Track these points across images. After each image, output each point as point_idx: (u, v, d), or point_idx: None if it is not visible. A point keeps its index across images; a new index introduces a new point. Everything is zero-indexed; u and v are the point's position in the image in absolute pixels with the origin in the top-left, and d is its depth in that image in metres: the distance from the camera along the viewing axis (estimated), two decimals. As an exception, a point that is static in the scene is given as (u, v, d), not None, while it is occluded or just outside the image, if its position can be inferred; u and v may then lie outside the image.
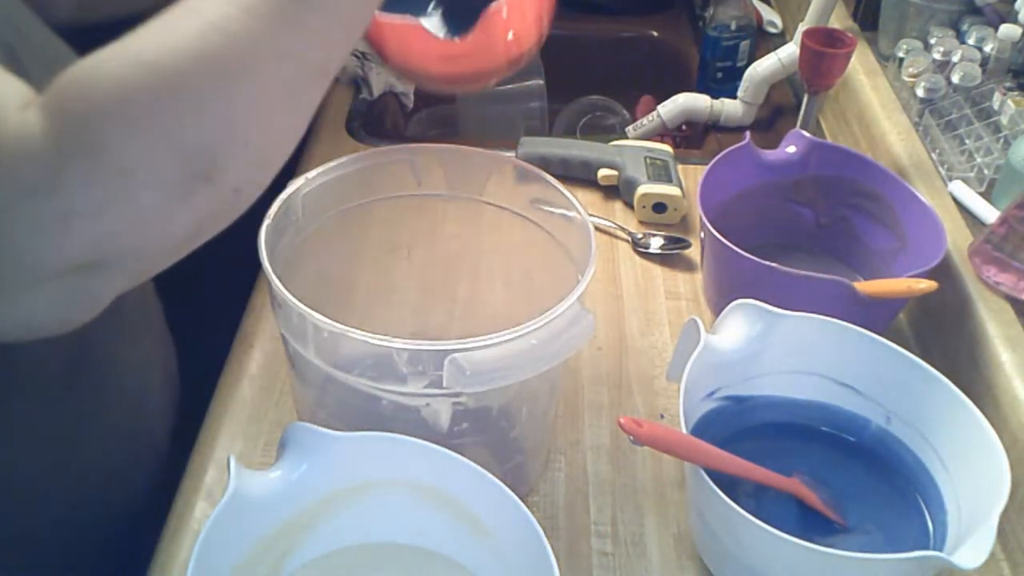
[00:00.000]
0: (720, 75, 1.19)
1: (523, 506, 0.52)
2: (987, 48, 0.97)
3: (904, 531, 0.63)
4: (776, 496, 0.64)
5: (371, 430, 0.55)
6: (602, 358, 0.80)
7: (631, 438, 0.57)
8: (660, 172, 0.95)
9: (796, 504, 0.64)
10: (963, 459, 0.61)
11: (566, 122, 1.32)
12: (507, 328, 0.54)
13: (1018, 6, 0.95)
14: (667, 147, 1.00)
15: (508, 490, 0.52)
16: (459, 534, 0.57)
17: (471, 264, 0.75)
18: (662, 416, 0.75)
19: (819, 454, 0.68)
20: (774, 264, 0.73)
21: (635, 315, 0.85)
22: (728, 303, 0.66)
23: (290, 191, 0.62)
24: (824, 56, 0.90)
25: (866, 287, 0.72)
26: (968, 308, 0.75)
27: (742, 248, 0.74)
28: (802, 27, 1.00)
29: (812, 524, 0.63)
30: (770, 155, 0.87)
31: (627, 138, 1.14)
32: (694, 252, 0.91)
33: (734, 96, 1.15)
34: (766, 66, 1.10)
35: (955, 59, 0.97)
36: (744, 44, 1.18)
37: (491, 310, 0.75)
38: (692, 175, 0.98)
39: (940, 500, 0.62)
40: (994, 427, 0.59)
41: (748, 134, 0.87)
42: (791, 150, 0.87)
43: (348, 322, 0.53)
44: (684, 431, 0.59)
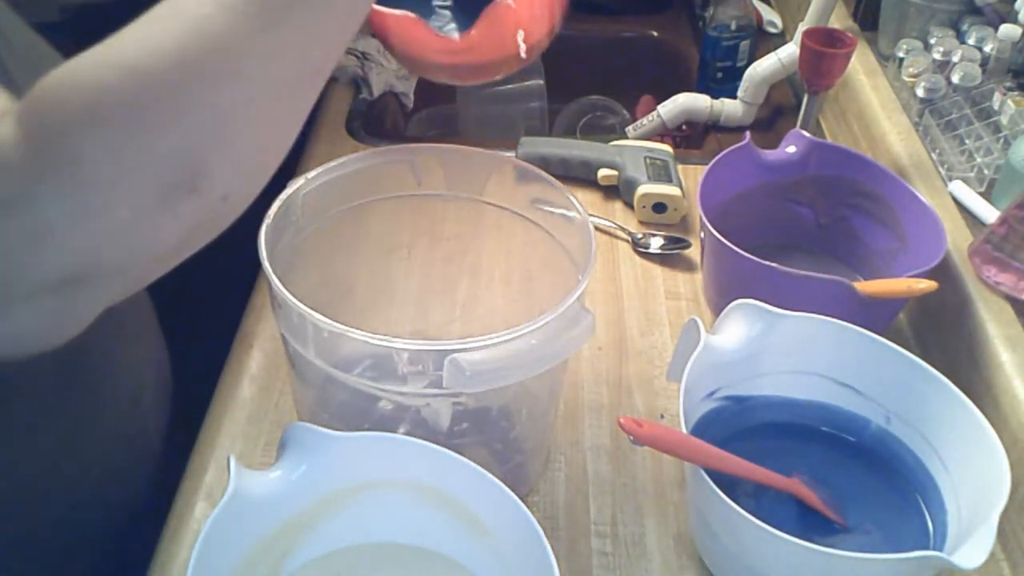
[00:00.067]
0: (720, 75, 1.19)
1: (523, 506, 0.52)
2: (987, 48, 0.97)
3: (904, 531, 0.63)
4: (776, 496, 0.64)
5: (371, 430, 0.55)
6: (602, 358, 0.80)
7: (631, 438, 0.57)
8: (660, 172, 0.95)
9: (796, 504, 0.64)
10: (963, 459, 0.61)
11: (566, 122, 1.32)
12: (507, 328, 0.54)
13: (1018, 6, 0.95)
14: (667, 147, 1.00)
15: (508, 490, 0.52)
16: (459, 534, 0.57)
17: (471, 264, 0.75)
18: (662, 416, 0.75)
19: (819, 454, 0.68)
20: (774, 264, 0.73)
21: (635, 315, 0.85)
22: (728, 303, 0.66)
23: (290, 191, 0.62)
24: (824, 56, 0.90)
25: (866, 287, 0.72)
26: (968, 308, 0.75)
27: (742, 248, 0.74)
28: (802, 27, 1.00)
29: (812, 524, 0.63)
30: (770, 155, 0.87)
31: (627, 138, 1.14)
32: (694, 252, 0.91)
33: (734, 96, 1.15)
34: (766, 66, 1.10)
35: (955, 59, 0.97)
36: (744, 44, 1.18)
37: (491, 310, 0.75)
38: (692, 175, 0.98)
39: (940, 500, 0.62)
40: (994, 427, 0.59)
41: (748, 134, 0.87)
42: (791, 150, 0.87)
43: (348, 322, 0.53)
44: (684, 431, 0.59)
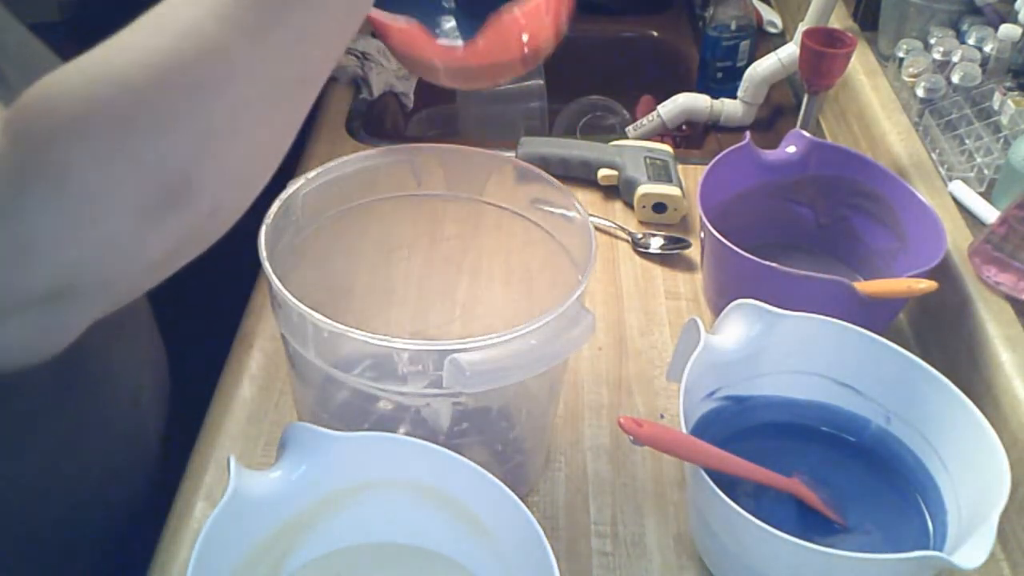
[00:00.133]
0: (720, 75, 1.19)
1: (523, 506, 0.51)
2: (987, 48, 0.97)
3: (904, 531, 0.63)
4: (776, 496, 0.64)
5: (371, 430, 0.55)
6: (602, 358, 0.80)
7: (631, 438, 0.57)
8: (660, 172, 0.95)
9: (796, 504, 0.64)
10: (963, 459, 0.61)
11: (566, 122, 1.32)
12: (507, 328, 0.54)
13: (1018, 6, 0.95)
14: (667, 147, 1.00)
15: (508, 490, 0.52)
16: (459, 534, 0.57)
17: (471, 264, 0.75)
18: (662, 416, 0.75)
19: (819, 454, 0.68)
20: (774, 264, 0.73)
21: (635, 315, 0.85)
22: (728, 303, 0.66)
23: (290, 191, 0.61)
24: (824, 56, 0.90)
25: (866, 287, 0.72)
26: (968, 308, 0.75)
27: (742, 248, 0.74)
28: (802, 27, 1.00)
29: (812, 524, 0.63)
30: (770, 155, 0.87)
31: (627, 138, 1.14)
32: (694, 252, 0.91)
33: (734, 96, 1.15)
34: (766, 66, 1.10)
35: (955, 59, 0.97)
36: (744, 44, 1.18)
37: (491, 310, 0.75)
38: (692, 175, 0.98)
39: (940, 500, 0.62)
40: (994, 427, 0.59)
41: (748, 134, 0.87)
42: (791, 150, 0.87)
43: (348, 322, 0.53)
44: (684, 431, 0.59)
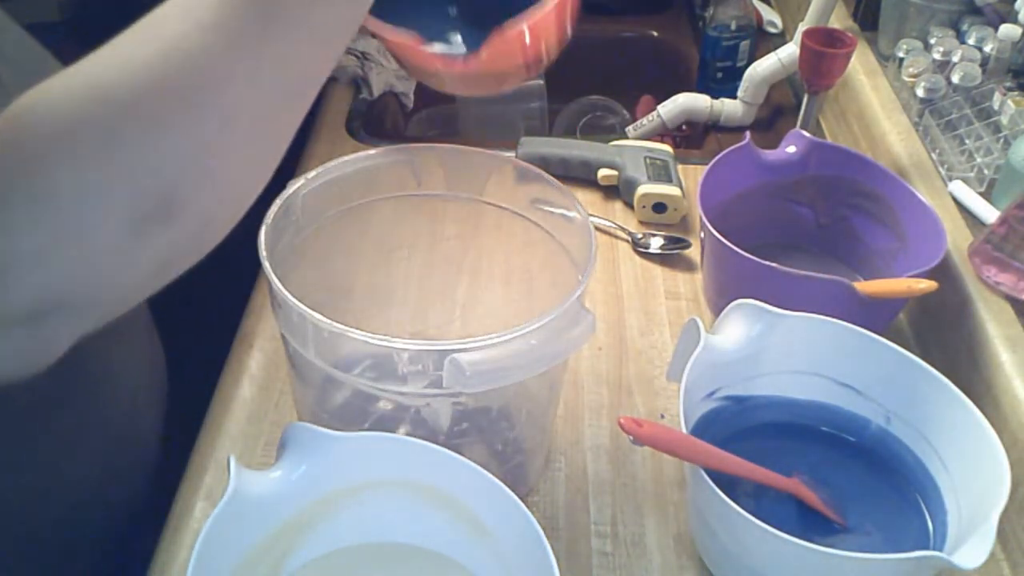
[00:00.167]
0: (720, 75, 1.19)
1: (523, 506, 0.51)
2: (987, 48, 0.97)
3: (904, 531, 0.63)
4: (776, 496, 0.64)
5: (371, 430, 0.55)
6: (602, 358, 0.80)
7: (631, 438, 0.57)
8: (660, 172, 0.95)
9: (796, 504, 0.64)
10: (963, 459, 0.61)
11: (566, 122, 1.32)
12: (507, 328, 0.54)
13: (1018, 6, 0.95)
14: (667, 147, 1.00)
15: (508, 490, 0.52)
16: (459, 534, 0.57)
17: (471, 264, 0.75)
18: (662, 416, 0.75)
19: (819, 454, 0.68)
20: (774, 264, 0.73)
21: (635, 315, 0.85)
22: (728, 303, 0.66)
23: (290, 191, 0.61)
24: (824, 56, 0.90)
25: (866, 287, 0.72)
26: (968, 308, 0.75)
27: (742, 248, 0.74)
28: (802, 27, 1.00)
29: (812, 524, 0.63)
30: (770, 155, 0.87)
31: (627, 138, 1.14)
32: (694, 252, 0.91)
33: (734, 96, 1.15)
34: (766, 66, 1.10)
35: (955, 59, 0.97)
36: (744, 44, 1.18)
37: (491, 310, 0.75)
38: (692, 175, 0.98)
39: (940, 500, 0.62)
40: (994, 427, 0.59)
41: (748, 134, 0.87)
42: (791, 150, 0.87)
43: (348, 322, 0.53)
44: (684, 431, 0.59)
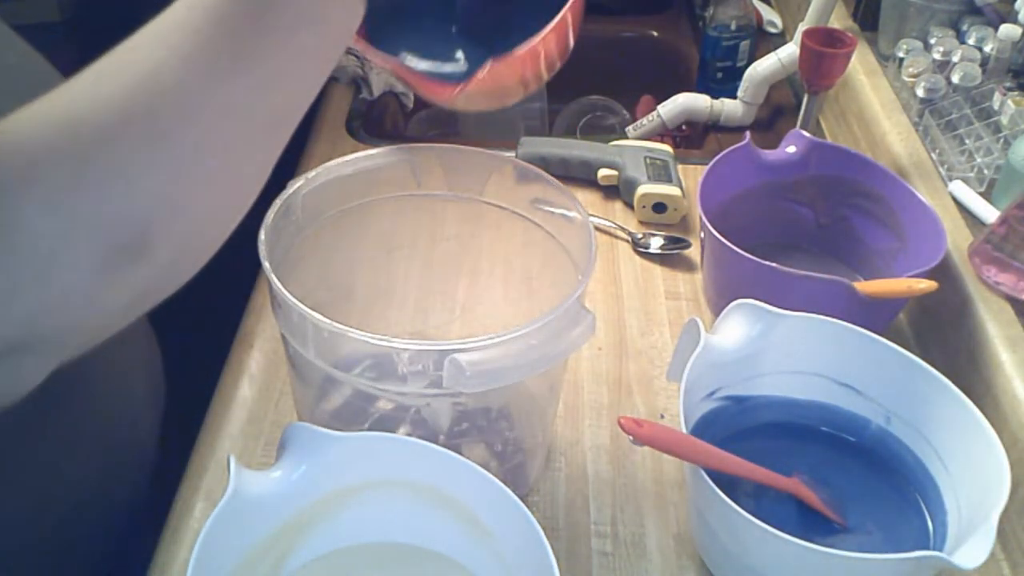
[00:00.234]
0: (720, 75, 1.19)
1: (523, 506, 0.51)
2: (987, 48, 0.97)
3: (904, 531, 0.63)
4: (776, 496, 0.64)
5: (371, 430, 0.55)
6: (602, 358, 0.80)
7: (631, 438, 0.57)
8: (660, 172, 0.95)
9: (796, 504, 0.64)
10: (963, 459, 0.61)
11: (566, 122, 1.32)
12: (507, 328, 0.54)
13: (1018, 6, 0.95)
14: (667, 147, 1.00)
15: (508, 490, 0.52)
16: (459, 534, 0.57)
17: (471, 264, 0.75)
18: (662, 416, 0.75)
19: (819, 454, 0.68)
20: (774, 264, 0.73)
21: (635, 315, 0.85)
22: (728, 303, 0.66)
23: (290, 191, 0.61)
24: (824, 56, 0.90)
25: (866, 287, 0.72)
26: (968, 308, 0.75)
27: (742, 248, 0.74)
28: (802, 27, 1.00)
29: (812, 524, 0.63)
30: (770, 155, 0.87)
31: (627, 138, 1.14)
32: (694, 252, 0.91)
33: (734, 96, 1.15)
34: (766, 66, 1.10)
35: (955, 59, 0.97)
36: (744, 44, 1.18)
37: (491, 310, 0.75)
38: (692, 175, 0.98)
39: (940, 500, 0.62)
40: (994, 427, 0.59)
41: (748, 134, 0.87)
42: (791, 150, 0.87)
43: (348, 322, 0.53)
44: (684, 431, 0.59)
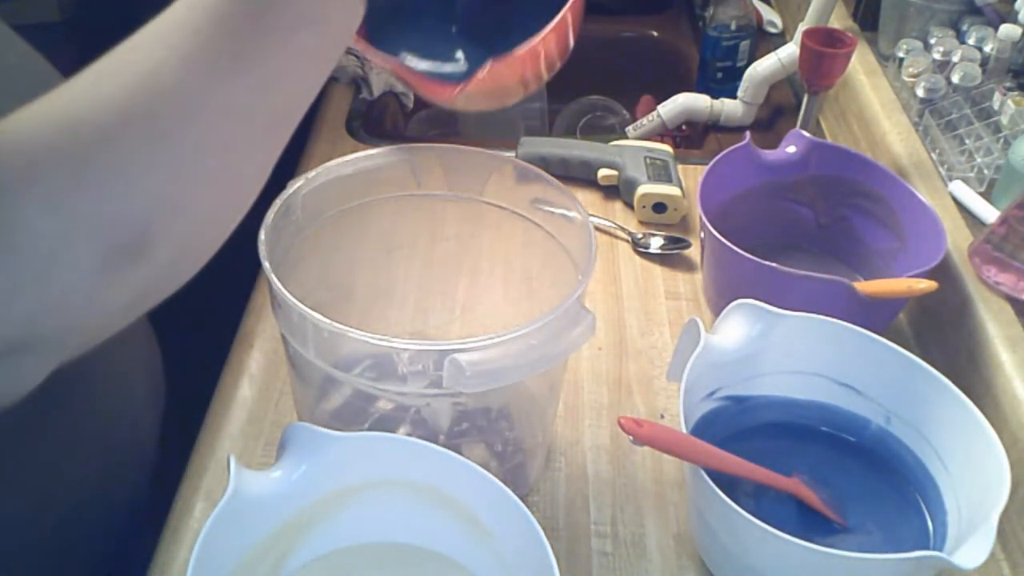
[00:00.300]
0: (720, 75, 1.19)
1: (523, 506, 0.51)
2: (987, 48, 0.97)
3: (904, 531, 0.63)
4: (776, 496, 0.64)
5: (371, 430, 0.55)
6: (602, 358, 0.80)
7: (631, 438, 0.57)
8: (660, 172, 0.95)
9: (796, 504, 0.64)
10: (963, 459, 0.61)
11: (566, 122, 1.32)
12: (507, 328, 0.54)
13: (1018, 6, 0.95)
14: (667, 147, 1.00)
15: (508, 490, 0.52)
16: (459, 534, 0.57)
17: (471, 264, 0.75)
18: (662, 416, 0.75)
19: (819, 454, 0.68)
20: (774, 264, 0.73)
21: (635, 315, 0.85)
22: (728, 303, 0.66)
23: (290, 191, 0.61)
24: (824, 56, 0.90)
25: (866, 287, 0.72)
26: (968, 308, 0.75)
27: (742, 248, 0.74)
28: (802, 27, 1.00)
29: (812, 524, 0.63)
30: (770, 155, 0.87)
31: (627, 138, 1.14)
32: (694, 252, 0.91)
33: (734, 96, 1.15)
34: (766, 66, 1.10)
35: (955, 59, 0.97)
36: (744, 44, 1.18)
37: (491, 310, 0.75)
38: (692, 175, 0.98)
39: (940, 500, 0.62)
40: (994, 427, 0.59)
41: (748, 134, 0.87)
42: (791, 150, 0.87)
43: (348, 322, 0.53)
44: (684, 431, 0.59)
